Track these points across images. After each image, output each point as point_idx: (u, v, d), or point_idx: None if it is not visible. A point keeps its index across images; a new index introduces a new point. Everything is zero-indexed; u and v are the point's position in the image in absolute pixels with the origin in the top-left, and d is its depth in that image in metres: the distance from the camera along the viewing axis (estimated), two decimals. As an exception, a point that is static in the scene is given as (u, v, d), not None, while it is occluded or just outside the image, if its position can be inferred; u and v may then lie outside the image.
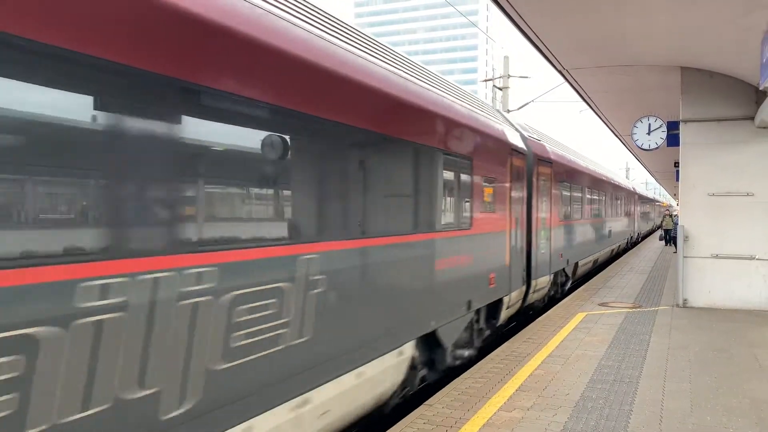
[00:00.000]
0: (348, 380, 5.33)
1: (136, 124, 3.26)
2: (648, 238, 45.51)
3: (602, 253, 21.82)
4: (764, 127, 11.63)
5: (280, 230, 4.52)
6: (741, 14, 8.01)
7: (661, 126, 13.81)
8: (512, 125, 11.79)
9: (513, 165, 10.40)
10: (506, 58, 25.62)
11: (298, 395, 4.64)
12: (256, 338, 4.16)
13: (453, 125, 7.64)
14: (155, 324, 3.33)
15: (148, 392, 3.28)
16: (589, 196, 18.78)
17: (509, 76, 25.61)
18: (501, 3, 8.22)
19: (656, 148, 14.02)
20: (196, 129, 3.70)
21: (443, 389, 6.75)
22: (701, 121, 12.18)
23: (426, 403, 6.28)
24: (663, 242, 33.53)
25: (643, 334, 9.56)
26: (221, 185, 4.05)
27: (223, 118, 3.93)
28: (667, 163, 28.21)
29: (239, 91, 3.99)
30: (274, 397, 4.37)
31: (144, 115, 3.31)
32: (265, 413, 4.25)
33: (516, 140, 10.81)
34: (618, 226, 26.54)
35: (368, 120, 5.60)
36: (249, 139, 4.19)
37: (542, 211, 12.66)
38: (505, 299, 10.08)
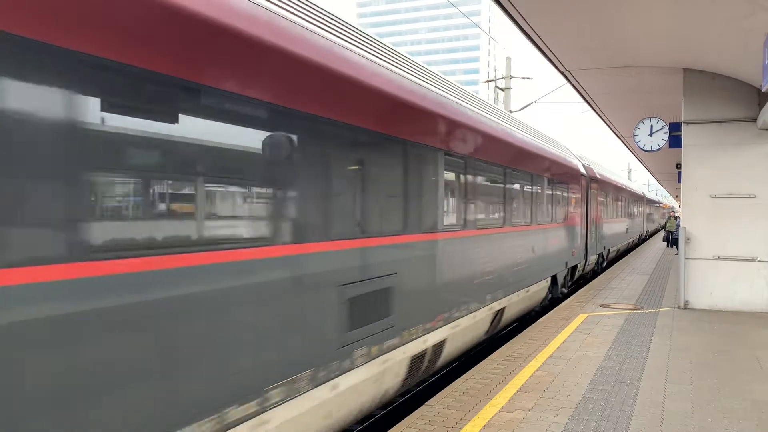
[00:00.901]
0: (533, 288, 11.65)
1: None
2: (654, 235, 49.32)
3: (623, 244, 28.30)
4: (766, 129, 11.62)
5: (516, 217, 10.29)
6: (742, 16, 8.00)
7: (663, 127, 13.78)
8: (575, 156, 17.00)
9: (580, 184, 16.47)
10: (508, 59, 25.61)
11: (523, 288, 10.82)
12: (513, 262, 10.06)
13: (565, 166, 14.20)
14: (491, 256, 9.01)
15: (481, 280, 8.30)
16: (616, 202, 25.06)
17: (511, 77, 25.60)
18: (503, 4, 8.23)
19: (658, 149, 14.00)
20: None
21: (444, 389, 6.75)
22: (703, 122, 12.17)
23: (427, 403, 6.29)
24: (666, 244, 33.24)
25: (644, 335, 9.56)
26: (494, 195, 9.32)
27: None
28: (669, 165, 28.18)
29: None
30: (516, 290, 10.38)
31: None
32: (511, 295, 10.12)
33: (581, 167, 16.75)
34: (633, 224, 33.53)
35: (539, 169, 11.75)
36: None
37: (592, 213, 18.62)
38: (578, 265, 16.77)
